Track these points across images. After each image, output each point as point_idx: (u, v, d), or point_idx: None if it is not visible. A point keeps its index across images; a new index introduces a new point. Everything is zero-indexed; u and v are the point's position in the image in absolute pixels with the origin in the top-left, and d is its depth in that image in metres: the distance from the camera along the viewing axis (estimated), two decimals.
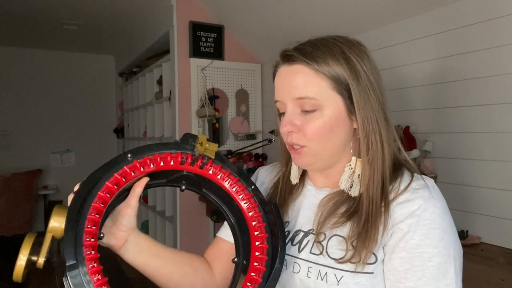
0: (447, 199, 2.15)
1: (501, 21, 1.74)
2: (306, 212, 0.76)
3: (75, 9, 3.46)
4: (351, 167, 0.70)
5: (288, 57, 0.70)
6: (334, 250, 0.67)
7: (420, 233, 0.61)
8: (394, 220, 0.63)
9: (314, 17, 2.56)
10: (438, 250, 0.60)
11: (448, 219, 0.65)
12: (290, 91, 0.69)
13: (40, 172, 4.20)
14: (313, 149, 0.69)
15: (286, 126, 0.69)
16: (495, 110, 1.80)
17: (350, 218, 0.67)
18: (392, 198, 0.65)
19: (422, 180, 0.67)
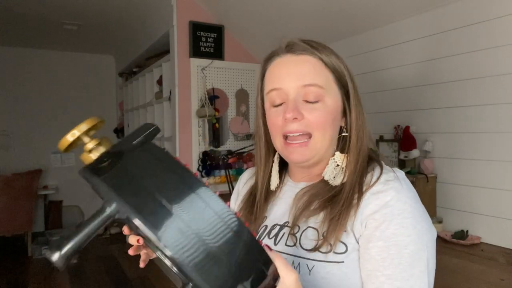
0: (447, 199, 2.15)
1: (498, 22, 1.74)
2: (283, 206, 0.78)
3: (75, 9, 3.46)
4: (335, 160, 0.73)
5: (296, 46, 0.72)
6: (307, 241, 0.69)
7: (395, 222, 0.62)
8: (369, 211, 0.65)
9: (313, 17, 2.56)
10: (412, 238, 0.62)
11: (419, 207, 0.66)
12: (298, 78, 0.69)
13: (40, 172, 4.19)
14: (317, 141, 0.70)
15: (292, 112, 0.68)
16: (495, 110, 1.80)
17: (323, 209, 0.69)
18: (365, 189, 0.67)
19: (392, 172, 0.69)
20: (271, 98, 0.73)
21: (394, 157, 2.23)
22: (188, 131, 3.10)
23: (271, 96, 0.73)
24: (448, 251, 1.72)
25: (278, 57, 0.74)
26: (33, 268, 3.64)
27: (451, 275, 1.44)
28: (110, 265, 3.71)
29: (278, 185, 0.81)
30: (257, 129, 0.81)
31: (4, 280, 3.34)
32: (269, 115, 0.74)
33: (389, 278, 0.61)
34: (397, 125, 2.25)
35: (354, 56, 2.58)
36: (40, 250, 3.92)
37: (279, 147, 0.74)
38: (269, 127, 0.75)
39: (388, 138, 2.32)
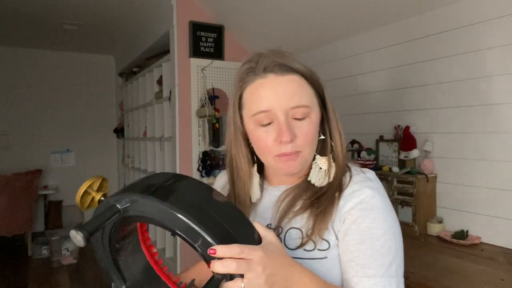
0: (447, 199, 2.16)
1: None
2: (265, 210, 0.82)
3: (75, 9, 3.46)
4: (317, 164, 0.78)
5: (275, 67, 0.73)
6: (291, 241, 0.74)
7: (369, 218, 0.70)
8: (346, 208, 0.72)
9: (312, 18, 2.56)
10: (383, 231, 0.69)
11: (389, 204, 0.74)
12: (286, 100, 0.71)
13: (40, 172, 4.19)
14: (305, 154, 0.74)
15: (289, 135, 0.71)
16: (495, 110, 1.80)
17: (308, 208, 0.74)
18: (343, 189, 0.74)
19: (363, 173, 0.77)
20: (258, 119, 0.74)
21: (394, 157, 2.23)
22: (188, 131, 3.10)
23: (259, 118, 0.74)
24: (448, 251, 1.72)
25: (258, 78, 0.74)
26: (33, 268, 3.64)
27: (451, 275, 1.44)
28: None
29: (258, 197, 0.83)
30: (234, 145, 0.81)
31: (4, 280, 3.34)
32: (257, 135, 0.75)
33: (363, 267, 0.68)
34: (397, 125, 2.25)
35: (354, 56, 2.58)
36: (40, 250, 3.92)
37: (271, 163, 0.77)
38: (257, 145, 0.77)
39: (388, 138, 2.32)
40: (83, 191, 0.66)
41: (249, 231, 0.59)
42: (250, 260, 0.54)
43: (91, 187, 0.67)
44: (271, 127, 0.73)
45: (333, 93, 2.76)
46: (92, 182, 0.67)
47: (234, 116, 0.80)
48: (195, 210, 0.54)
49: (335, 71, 2.74)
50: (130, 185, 0.60)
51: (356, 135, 2.59)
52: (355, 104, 2.60)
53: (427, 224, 1.99)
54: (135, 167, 4.53)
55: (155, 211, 0.55)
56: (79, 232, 0.50)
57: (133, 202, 0.56)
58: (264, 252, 0.56)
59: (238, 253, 0.53)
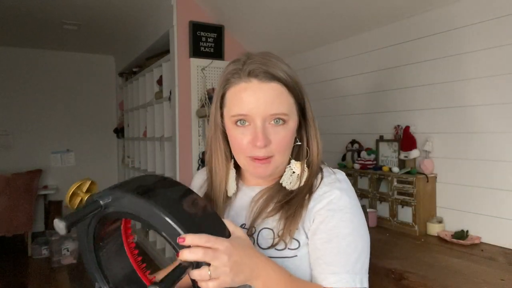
0: (447, 199, 2.15)
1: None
2: (239, 210, 0.84)
3: (75, 9, 3.46)
4: (291, 168, 0.81)
5: (259, 73, 0.74)
6: (263, 240, 0.77)
7: (337, 217, 0.73)
8: (316, 209, 0.75)
9: (312, 18, 2.56)
10: (350, 230, 0.73)
11: (356, 204, 0.77)
12: (264, 107, 0.73)
13: (40, 172, 4.19)
14: (277, 160, 0.77)
15: (263, 141, 0.73)
16: (495, 110, 1.80)
17: (279, 210, 0.77)
18: (313, 191, 0.77)
19: (334, 175, 0.80)
20: (236, 120, 0.76)
21: (394, 157, 2.23)
22: (188, 131, 3.10)
23: (236, 119, 0.76)
24: (448, 251, 1.72)
25: (242, 81, 0.75)
26: (33, 268, 3.64)
27: (451, 275, 1.44)
28: None
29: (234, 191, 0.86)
30: (214, 142, 0.84)
31: (4, 280, 3.34)
32: (233, 135, 0.78)
33: (329, 264, 0.72)
34: (397, 125, 2.25)
35: (355, 56, 2.58)
36: (40, 250, 3.91)
37: (243, 164, 0.80)
38: (232, 144, 0.80)
39: (388, 138, 2.32)
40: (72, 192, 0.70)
41: (219, 227, 0.63)
42: (217, 249, 0.57)
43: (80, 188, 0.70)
44: (247, 130, 0.75)
45: (333, 93, 2.76)
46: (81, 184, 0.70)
47: (216, 113, 0.82)
48: (169, 205, 0.58)
49: (335, 71, 2.74)
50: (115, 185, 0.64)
51: (356, 135, 2.59)
52: (355, 104, 2.60)
53: (427, 224, 1.99)
54: (135, 167, 4.54)
55: (133, 206, 0.59)
56: (61, 221, 0.54)
57: (114, 198, 0.60)
58: (231, 244, 0.59)
59: (205, 241, 0.56)
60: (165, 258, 3.50)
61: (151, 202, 0.58)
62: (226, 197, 0.86)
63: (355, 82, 2.60)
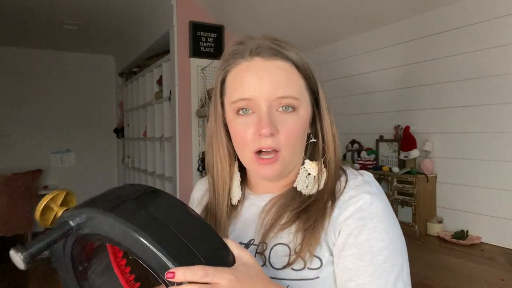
0: (447, 199, 2.15)
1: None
2: (247, 223, 0.71)
3: (75, 9, 3.46)
4: (306, 169, 0.68)
5: (266, 49, 0.64)
6: (277, 259, 0.63)
7: (368, 227, 0.60)
8: (342, 218, 0.62)
9: (312, 18, 2.56)
10: (385, 243, 0.59)
11: (390, 211, 0.64)
12: (271, 88, 0.62)
13: (40, 172, 4.19)
14: (285, 156, 0.64)
15: (268, 127, 0.61)
16: (495, 110, 1.80)
17: (295, 221, 0.64)
18: (337, 197, 0.64)
19: (360, 176, 0.66)
20: (237, 107, 0.65)
21: (394, 157, 2.23)
22: (188, 131, 3.10)
23: (238, 106, 0.64)
24: (448, 251, 1.72)
25: (244, 61, 0.65)
26: (33, 268, 3.64)
27: (451, 275, 1.44)
28: None
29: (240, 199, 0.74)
30: (215, 137, 0.72)
31: (4, 280, 3.34)
32: (235, 127, 0.66)
33: (364, 287, 0.58)
34: (397, 125, 2.25)
35: (355, 56, 2.58)
36: None
37: (248, 162, 0.67)
38: (235, 139, 0.67)
39: (388, 138, 2.32)
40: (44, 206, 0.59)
41: (219, 251, 0.50)
42: (217, 285, 0.45)
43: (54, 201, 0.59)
44: (251, 119, 0.63)
45: (333, 93, 2.76)
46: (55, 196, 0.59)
47: (216, 102, 0.70)
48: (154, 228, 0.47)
49: (335, 71, 2.74)
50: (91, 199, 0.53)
51: (356, 135, 2.59)
52: (355, 104, 2.60)
53: (427, 224, 1.99)
54: (135, 167, 4.54)
55: (109, 228, 0.47)
56: (18, 252, 0.42)
57: (89, 218, 0.48)
58: (235, 275, 0.47)
59: (201, 276, 0.44)
60: None
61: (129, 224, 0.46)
62: (230, 206, 0.73)
63: (355, 82, 2.60)
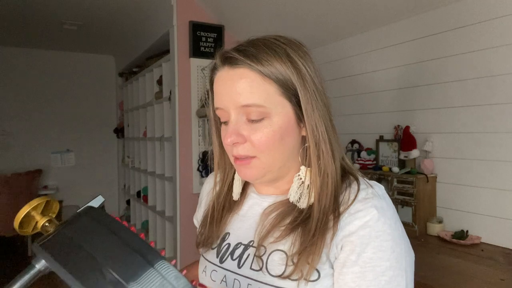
0: (447, 199, 2.14)
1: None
2: (248, 223, 0.71)
3: (75, 9, 3.46)
4: (300, 177, 0.65)
5: (230, 59, 0.64)
6: (274, 266, 0.62)
7: (373, 246, 0.57)
8: (346, 232, 0.59)
9: (312, 18, 2.56)
10: (391, 263, 0.57)
11: (399, 228, 0.61)
12: (234, 98, 0.62)
13: (40, 172, 4.19)
14: (263, 161, 0.63)
15: (230, 137, 0.62)
16: (494, 111, 1.80)
17: (293, 231, 0.62)
18: (342, 209, 0.60)
19: (371, 188, 0.63)
20: (217, 115, 0.69)
21: (394, 157, 2.23)
22: (188, 131, 3.10)
23: (218, 115, 0.68)
24: (448, 251, 1.72)
25: (217, 71, 0.67)
26: None
27: (451, 275, 1.44)
28: None
29: (241, 197, 0.74)
30: (213, 138, 0.75)
31: (4, 280, 3.34)
32: (222, 133, 0.69)
33: None
34: (397, 125, 2.25)
35: (355, 56, 2.58)
36: None
37: (232, 163, 0.69)
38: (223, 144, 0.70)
39: (388, 138, 2.32)
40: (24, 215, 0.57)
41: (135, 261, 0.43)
42: None
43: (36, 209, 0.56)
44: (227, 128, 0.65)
45: (333, 93, 2.76)
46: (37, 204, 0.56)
47: (210, 109, 0.74)
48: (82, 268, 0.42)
49: (335, 71, 2.74)
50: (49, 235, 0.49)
51: (356, 135, 2.59)
52: (355, 104, 2.60)
53: (427, 224, 1.99)
54: (135, 167, 4.54)
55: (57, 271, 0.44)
56: None
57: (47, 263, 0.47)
58: None
59: None
60: (165, 258, 3.50)
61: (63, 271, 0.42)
62: (232, 202, 0.74)
63: (354, 82, 2.60)
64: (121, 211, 5.31)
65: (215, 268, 0.72)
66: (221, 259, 0.71)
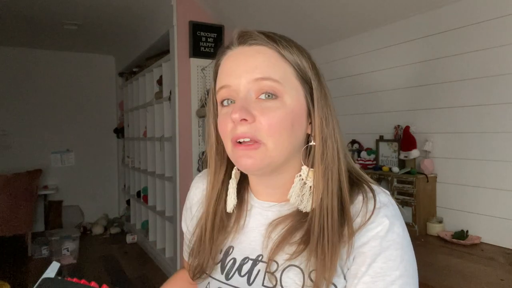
0: (447, 199, 2.15)
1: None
2: (252, 235, 0.66)
3: (75, 9, 3.46)
4: (302, 178, 0.62)
5: (248, 38, 0.60)
6: (290, 283, 0.59)
7: (383, 256, 0.57)
8: (358, 243, 0.58)
9: (312, 18, 2.56)
10: (400, 272, 0.57)
11: (407, 236, 0.61)
12: (248, 71, 0.58)
13: (40, 172, 4.19)
14: (269, 148, 0.57)
15: (239, 112, 0.56)
16: (495, 110, 1.80)
17: (307, 245, 0.59)
18: (360, 223, 0.58)
19: (382, 195, 0.62)
20: (221, 98, 0.61)
21: (394, 157, 2.23)
22: (188, 131, 3.10)
23: (220, 95, 0.61)
24: (448, 251, 1.72)
25: (229, 50, 0.63)
26: (33, 268, 3.64)
27: (451, 275, 1.44)
28: (110, 265, 3.71)
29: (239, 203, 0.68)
30: (208, 138, 0.68)
31: (4, 280, 3.34)
32: (219, 119, 0.62)
33: None
34: (397, 125, 2.25)
35: (355, 56, 2.58)
36: (40, 250, 3.92)
37: (230, 154, 0.61)
38: (220, 132, 0.62)
39: (388, 138, 2.32)
40: None
41: None
42: None
43: None
44: (232, 108, 0.58)
45: (333, 93, 2.75)
46: None
47: (209, 102, 0.68)
48: None
49: (335, 71, 2.74)
50: None
51: (356, 135, 2.59)
52: (355, 104, 2.60)
53: (427, 224, 1.99)
54: (135, 167, 4.54)
55: None
56: None
57: None
58: None
59: None
60: (165, 258, 3.50)
61: None
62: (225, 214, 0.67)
63: (354, 82, 2.60)
64: (121, 211, 5.31)
65: (221, 285, 0.66)
66: (227, 275, 0.66)
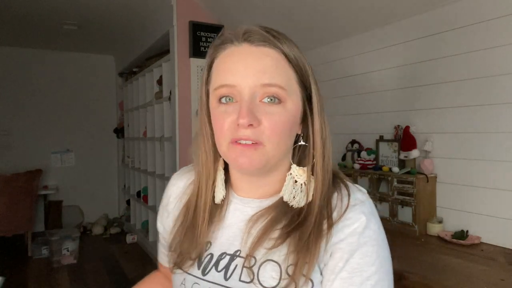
0: (447, 199, 2.15)
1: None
2: (231, 230, 0.66)
3: (75, 9, 3.46)
4: (292, 176, 0.63)
5: (253, 36, 0.60)
6: (267, 277, 0.59)
7: (360, 252, 0.58)
8: (335, 239, 0.59)
9: (312, 18, 2.56)
10: (376, 267, 0.58)
11: (382, 232, 0.61)
12: (256, 75, 0.58)
13: (40, 172, 4.19)
14: (268, 149, 0.59)
15: (247, 116, 0.56)
16: (494, 111, 1.80)
17: (286, 239, 0.60)
18: (337, 217, 0.59)
19: (358, 193, 0.63)
20: (219, 94, 0.60)
21: (394, 157, 2.23)
22: (188, 131, 3.10)
23: (220, 93, 0.60)
24: (448, 251, 1.72)
25: (232, 45, 0.61)
26: (33, 268, 3.64)
27: (451, 275, 1.44)
28: (110, 265, 3.71)
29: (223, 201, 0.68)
30: (200, 130, 0.67)
31: (4, 280, 3.34)
32: (215, 115, 0.61)
33: None
34: (397, 125, 2.25)
35: (355, 56, 2.58)
36: (40, 250, 3.92)
37: (225, 152, 0.61)
38: (214, 128, 0.62)
39: (388, 138, 2.32)
40: None
41: None
42: None
43: None
44: (232, 107, 0.59)
45: (334, 93, 2.76)
46: None
47: (201, 91, 0.66)
48: None
49: (335, 71, 2.74)
50: None
51: (356, 135, 2.59)
52: (355, 104, 2.60)
53: (427, 224, 1.99)
54: (135, 167, 4.54)
55: None
56: None
57: None
58: None
59: None
60: None
61: None
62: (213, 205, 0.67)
63: (354, 82, 2.60)
64: (121, 211, 5.31)
65: (197, 281, 0.65)
66: (203, 270, 0.65)
